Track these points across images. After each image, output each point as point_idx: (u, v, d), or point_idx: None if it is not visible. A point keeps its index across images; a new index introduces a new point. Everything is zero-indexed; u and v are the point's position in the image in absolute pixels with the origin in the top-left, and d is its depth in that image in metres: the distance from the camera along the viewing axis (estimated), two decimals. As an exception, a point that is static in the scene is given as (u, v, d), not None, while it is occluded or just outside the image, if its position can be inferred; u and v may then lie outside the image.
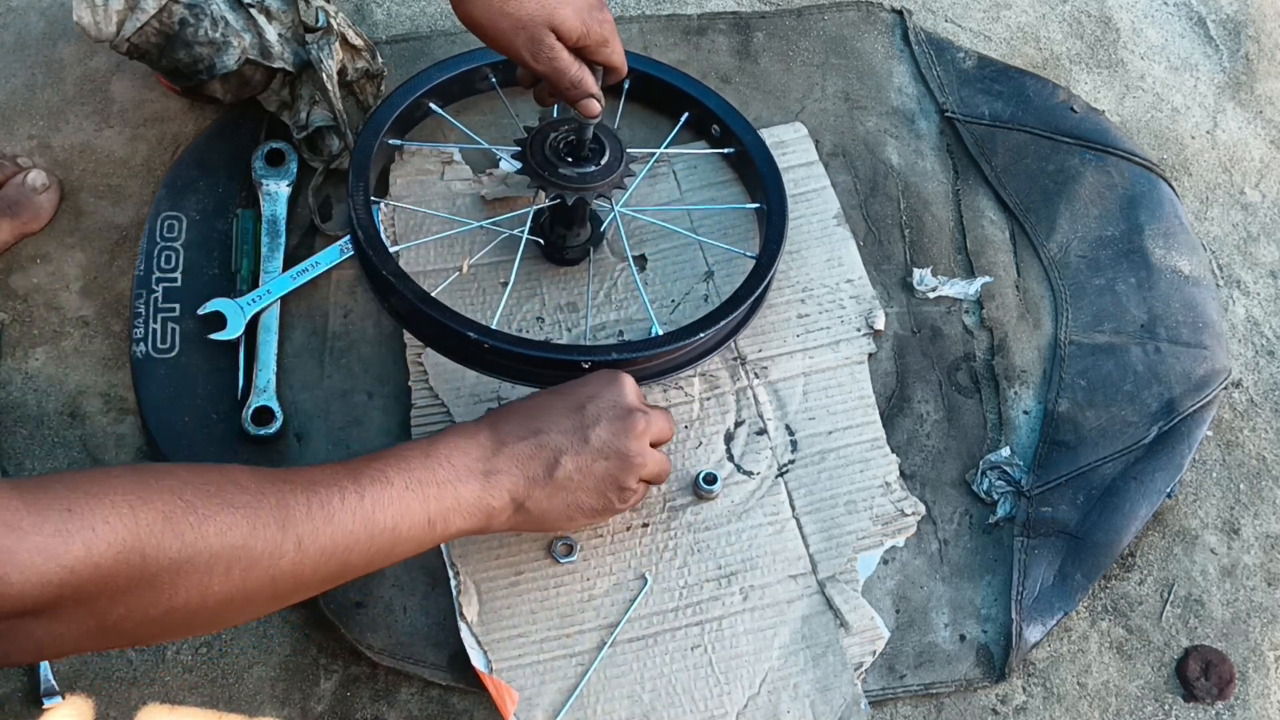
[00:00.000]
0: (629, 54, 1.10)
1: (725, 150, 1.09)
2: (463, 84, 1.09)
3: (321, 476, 0.72)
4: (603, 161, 0.95)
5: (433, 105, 1.07)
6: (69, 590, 0.59)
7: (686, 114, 1.09)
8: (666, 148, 1.08)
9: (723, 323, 0.95)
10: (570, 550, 0.94)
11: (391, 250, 1.02)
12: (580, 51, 0.92)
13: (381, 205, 1.06)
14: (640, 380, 0.96)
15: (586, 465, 0.83)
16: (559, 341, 1.02)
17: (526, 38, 0.88)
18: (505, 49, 0.91)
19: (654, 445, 0.87)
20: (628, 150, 0.98)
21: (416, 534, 0.76)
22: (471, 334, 0.89)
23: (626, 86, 1.10)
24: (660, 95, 1.11)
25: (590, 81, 0.92)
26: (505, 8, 0.87)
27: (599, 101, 0.93)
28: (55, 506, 0.59)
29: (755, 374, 1.02)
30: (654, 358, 0.94)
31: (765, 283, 0.98)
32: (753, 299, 0.97)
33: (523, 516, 0.82)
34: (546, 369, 0.92)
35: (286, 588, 0.70)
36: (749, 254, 1.01)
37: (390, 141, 1.05)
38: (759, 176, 1.05)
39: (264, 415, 0.98)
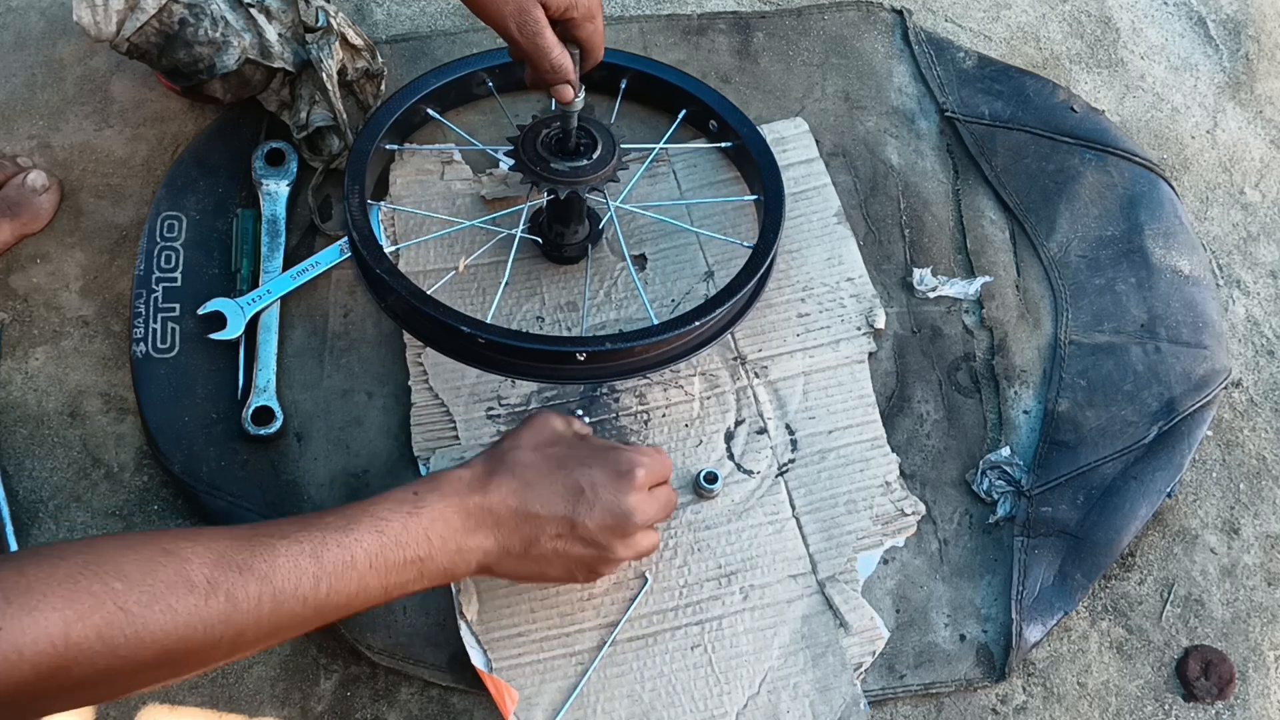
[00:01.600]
0: (624, 53, 1.10)
1: (723, 144, 1.09)
2: (460, 89, 1.09)
3: (286, 559, 0.70)
4: (595, 155, 0.95)
5: (430, 111, 1.07)
6: None
7: (684, 110, 1.09)
8: (664, 144, 1.08)
9: (719, 311, 0.94)
10: None
11: (390, 250, 1.02)
12: (564, 25, 0.92)
13: (380, 207, 1.06)
14: (637, 372, 0.95)
15: (564, 548, 0.81)
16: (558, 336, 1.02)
17: (515, 7, 0.88)
18: (493, 19, 0.90)
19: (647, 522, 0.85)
20: (623, 145, 0.98)
21: (369, 604, 0.75)
22: (465, 328, 0.89)
23: (624, 86, 1.10)
24: (656, 93, 1.11)
25: (569, 68, 0.91)
26: None
27: (574, 88, 0.92)
28: None
29: (755, 373, 1.02)
30: (649, 348, 0.93)
31: (762, 271, 0.98)
32: (749, 287, 0.97)
33: (484, 574, 0.81)
34: (541, 361, 0.92)
35: (216, 663, 0.69)
36: (746, 244, 1.01)
37: (387, 146, 1.05)
38: (755, 167, 1.05)
39: (264, 415, 0.98)
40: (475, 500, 0.79)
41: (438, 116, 1.07)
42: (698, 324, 0.93)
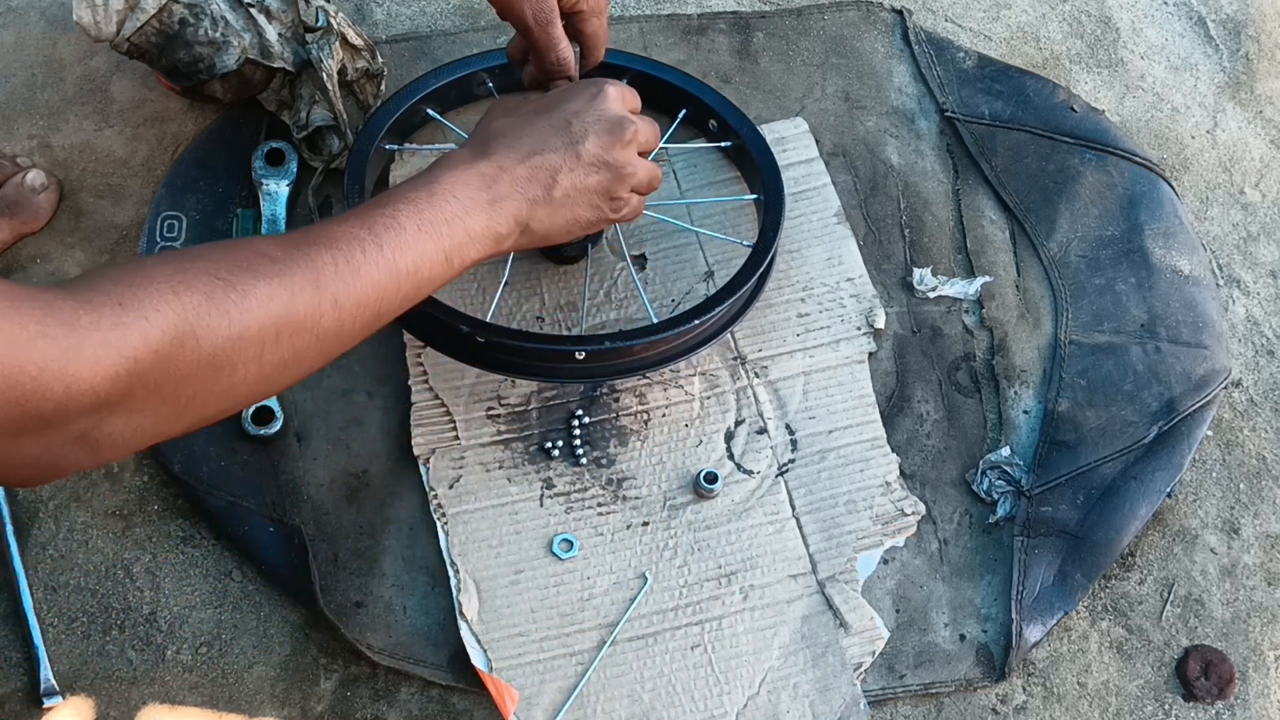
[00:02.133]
0: (625, 53, 1.10)
1: (723, 144, 1.09)
2: (460, 89, 1.09)
3: (339, 231, 0.73)
4: None
5: (430, 111, 1.07)
6: (136, 380, 0.61)
7: (684, 110, 1.09)
8: (664, 144, 1.08)
9: (718, 310, 0.94)
10: (570, 546, 0.94)
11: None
12: (572, 19, 0.95)
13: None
14: (637, 371, 0.96)
15: (581, 180, 0.84)
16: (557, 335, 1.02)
17: None
18: (509, 5, 0.92)
19: (641, 154, 0.88)
20: None
21: (437, 272, 0.78)
22: (464, 327, 0.89)
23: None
24: (656, 93, 1.11)
25: (572, 63, 0.95)
26: None
27: (572, 79, 0.95)
28: (107, 303, 0.61)
29: (755, 373, 1.02)
30: (649, 347, 0.93)
31: (762, 269, 0.98)
32: (749, 285, 0.97)
33: (528, 237, 0.84)
34: (540, 360, 0.93)
35: (330, 344, 0.73)
36: (746, 244, 1.01)
37: (387, 146, 1.05)
38: (755, 167, 1.05)
39: (264, 415, 0.98)
40: (483, 164, 0.82)
41: (437, 117, 1.07)
42: (697, 323, 0.93)
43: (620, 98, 0.88)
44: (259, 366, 0.68)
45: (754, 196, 1.07)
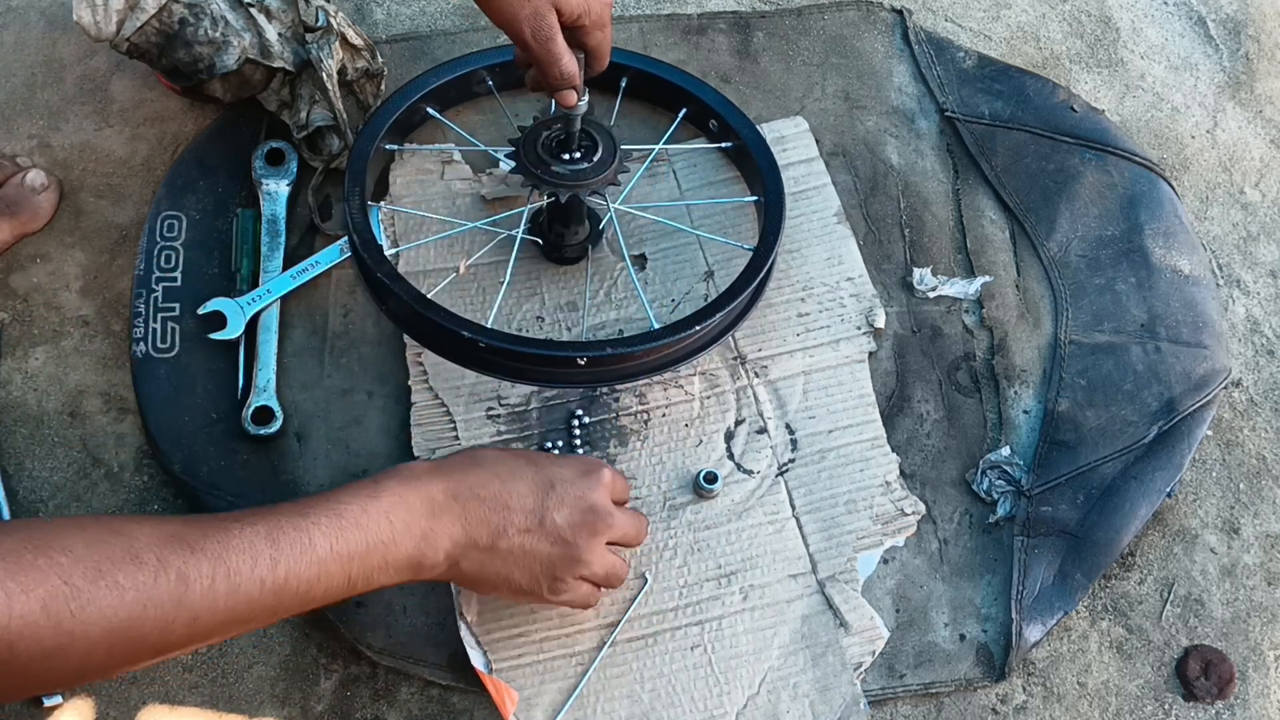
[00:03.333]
0: (625, 51, 1.10)
1: (723, 144, 1.09)
2: (460, 88, 1.09)
3: (239, 542, 0.67)
4: (596, 158, 0.95)
5: (430, 110, 1.07)
6: None
7: (684, 110, 1.09)
8: (664, 144, 1.08)
9: (718, 316, 0.94)
10: None
11: (391, 252, 1.02)
12: (575, 31, 0.92)
13: (380, 207, 1.06)
14: (638, 376, 0.96)
15: (531, 544, 0.80)
16: (559, 341, 1.02)
17: (530, 12, 0.88)
18: (506, 22, 0.90)
19: (616, 545, 0.85)
20: (624, 147, 0.98)
21: (332, 593, 0.72)
22: (466, 333, 0.89)
23: (624, 84, 1.10)
24: (657, 92, 1.11)
25: (576, 74, 0.92)
26: None
27: (578, 93, 0.92)
28: None
29: (755, 373, 1.02)
30: (649, 352, 0.93)
31: (762, 274, 0.98)
32: (749, 291, 0.97)
33: (452, 574, 0.80)
34: (541, 366, 0.92)
35: (176, 652, 0.67)
36: (747, 246, 1.01)
37: (387, 146, 1.05)
38: (756, 168, 1.05)
39: (264, 415, 0.98)
40: (439, 486, 0.77)
41: (438, 116, 1.07)
42: (699, 328, 0.93)
43: (611, 486, 0.84)
44: (79, 672, 0.63)
45: (754, 198, 1.07)
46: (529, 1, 0.88)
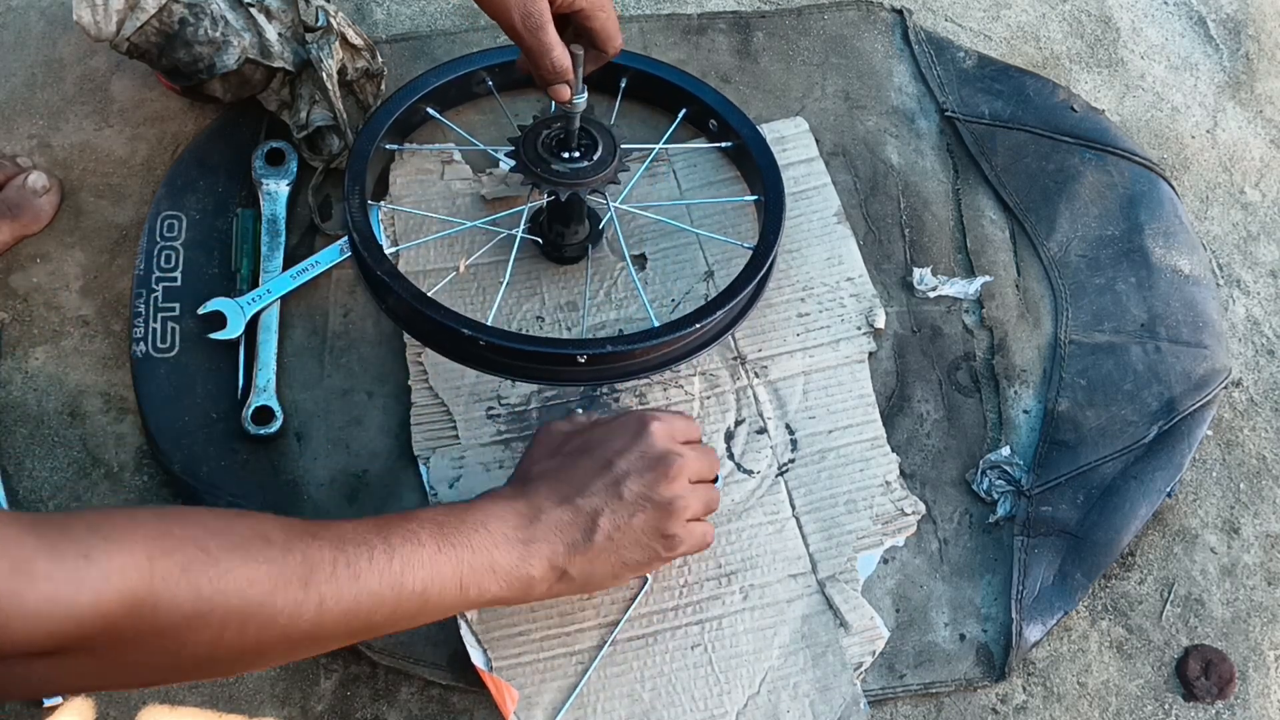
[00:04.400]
0: (625, 51, 1.10)
1: (724, 144, 1.09)
2: (460, 88, 1.09)
3: (352, 533, 0.70)
4: (595, 157, 0.95)
5: (430, 110, 1.07)
6: (74, 640, 0.57)
7: (684, 110, 1.09)
8: (664, 144, 1.08)
9: (719, 314, 0.94)
10: None
11: (391, 251, 1.02)
12: (575, 16, 0.92)
13: (380, 207, 1.06)
14: (638, 374, 0.96)
15: (624, 521, 0.81)
16: (559, 339, 1.02)
17: (521, 0, 0.88)
18: (498, 12, 0.89)
19: (698, 482, 0.85)
20: (624, 146, 0.98)
21: (447, 599, 0.74)
22: (466, 330, 0.89)
23: (624, 85, 1.10)
24: (657, 92, 1.11)
25: (568, 67, 0.90)
26: None
27: (572, 88, 0.92)
28: (72, 552, 0.57)
29: (755, 373, 1.02)
30: (650, 350, 0.93)
31: (762, 273, 0.98)
32: (749, 289, 0.97)
33: (566, 584, 0.81)
34: (542, 364, 0.92)
35: (303, 645, 0.69)
36: (747, 245, 1.01)
37: (387, 146, 1.05)
38: (756, 168, 1.05)
39: (264, 415, 0.98)
40: (521, 503, 0.79)
41: (437, 116, 1.07)
42: (699, 325, 0.93)
43: (667, 432, 0.84)
44: (212, 652, 0.64)
45: (754, 198, 1.07)
46: None
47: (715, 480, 0.88)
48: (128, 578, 0.58)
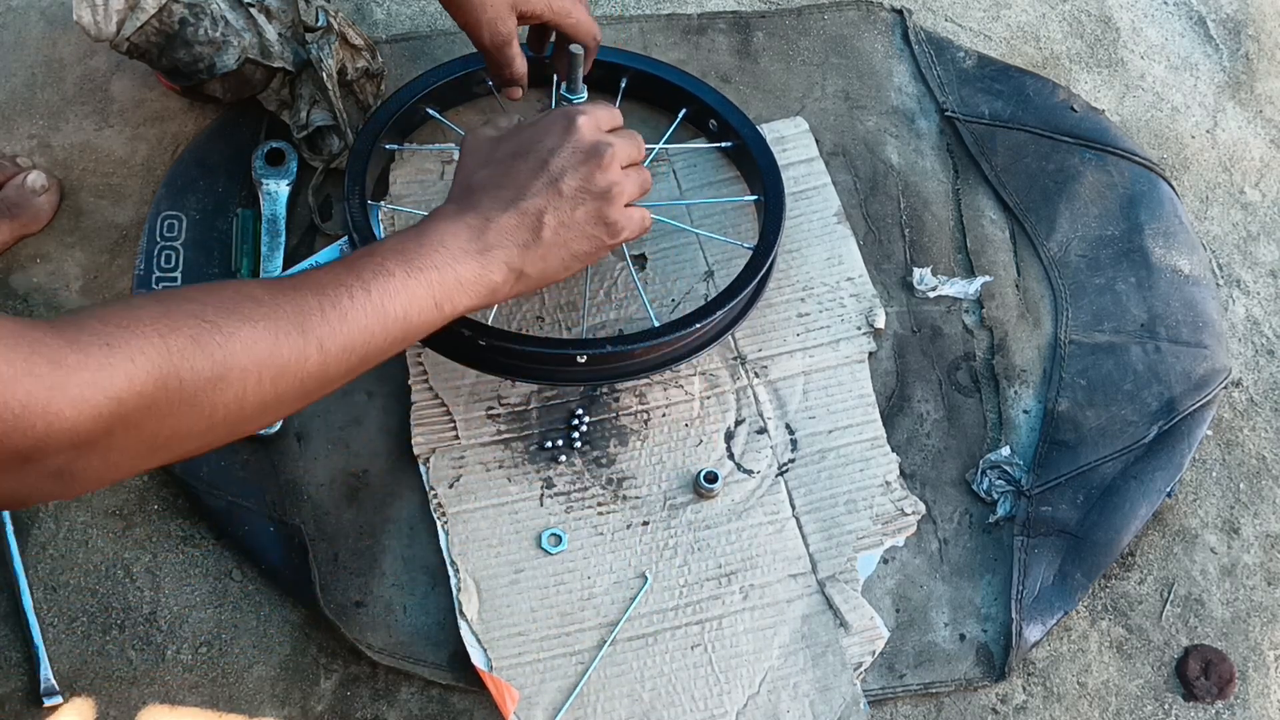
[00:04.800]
0: (624, 51, 1.10)
1: (723, 144, 1.09)
2: (460, 88, 1.09)
3: (326, 278, 0.74)
4: None
5: (430, 110, 1.07)
6: (118, 420, 0.62)
7: (684, 110, 1.09)
8: (664, 144, 1.08)
9: (720, 313, 0.95)
10: (559, 541, 0.94)
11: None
12: (550, 26, 0.98)
13: (381, 207, 1.06)
14: (638, 374, 0.96)
15: (568, 215, 0.84)
16: (558, 339, 1.02)
17: (490, 17, 0.95)
18: (467, 26, 0.96)
19: (628, 166, 0.89)
20: None
21: (426, 318, 0.78)
22: (466, 331, 0.90)
23: (624, 85, 1.10)
24: (656, 92, 1.11)
25: (522, 75, 1.00)
26: None
27: (522, 89, 1.01)
28: (95, 343, 0.61)
29: (755, 373, 1.02)
30: (652, 349, 0.94)
31: (763, 272, 0.98)
32: (750, 289, 0.97)
33: (525, 283, 0.85)
34: (542, 364, 0.93)
35: (313, 387, 0.73)
36: (747, 245, 1.01)
37: (386, 146, 1.05)
38: (756, 168, 1.05)
39: (264, 414, 0.98)
40: (469, 215, 0.82)
41: (437, 116, 1.07)
42: (699, 325, 0.94)
43: (594, 124, 0.87)
44: (239, 407, 0.69)
45: (754, 197, 1.07)
46: (489, 7, 0.94)
47: (645, 161, 0.92)
48: (149, 356, 0.63)
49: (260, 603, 0.96)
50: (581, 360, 0.92)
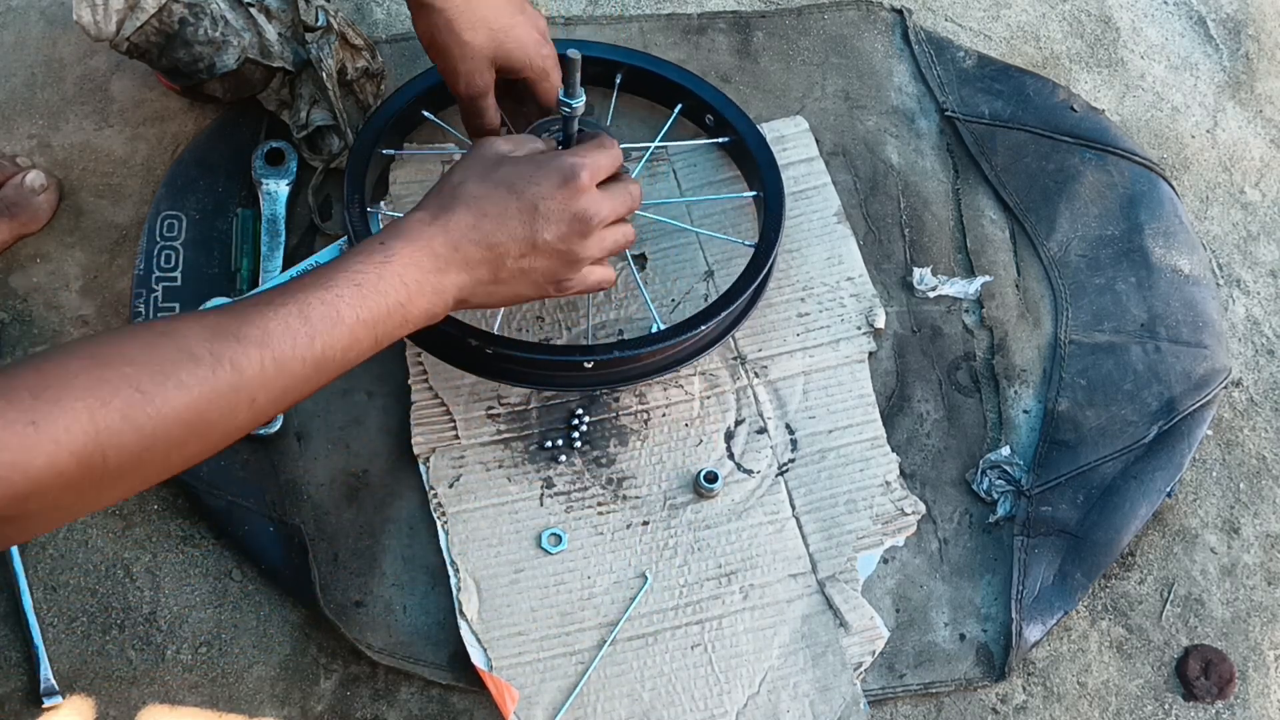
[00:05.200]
0: (619, 48, 1.10)
1: (720, 140, 1.09)
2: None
3: (275, 324, 0.72)
4: None
5: (425, 113, 1.07)
6: (35, 497, 0.61)
7: (680, 105, 1.09)
8: (661, 141, 1.08)
9: (722, 314, 0.95)
10: (559, 540, 0.95)
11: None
12: (521, 83, 0.98)
13: (381, 211, 1.06)
14: (643, 378, 0.96)
15: (529, 264, 0.84)
16: (558, 342, 1.02)
17: (468, 69, 0.94)
18: (447, 72, 0.96)
19: (616, 223, 0.88)
20: (622, 146, 0.98)
21: (362, 356, 0.77)
22: (473, 341, 0.90)
23: (619, 81, 1.10)
24: (652, 88, 1.10)
25: (496, 126, 0.99)
26: (461, 35, 0.93)
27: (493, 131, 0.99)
28: (20, 420, 0.60)
29: (755, 373, 1.02)
30: (656, 353, 0.94)
31: (764, 273, 0.98)
32: (752, 289, 0.97)
33: (464, 307, 0.84)
34: (548, 370, 0.93)
35: (238, 434, 0.72)
36: (748, 243, 1.01)
37: (384, 151, 1.04)
38: (754, 164, 1.05)
39: (264, 414, 0.98)
40: (439, 240, 0.80)
41: (433, 119, 1.07)
42: (703, 328, 0.94)
43: (592, 177, 0.85)
44: (163, 468, 0.68)
45: (753, 194, 1.07)
46: (468, 60, 0.93)
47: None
48: (74, 437, 0.61)
49: (260, 603, 0.96)
50: (589, 366, 0.92)
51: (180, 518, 0.98)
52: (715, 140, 1.09)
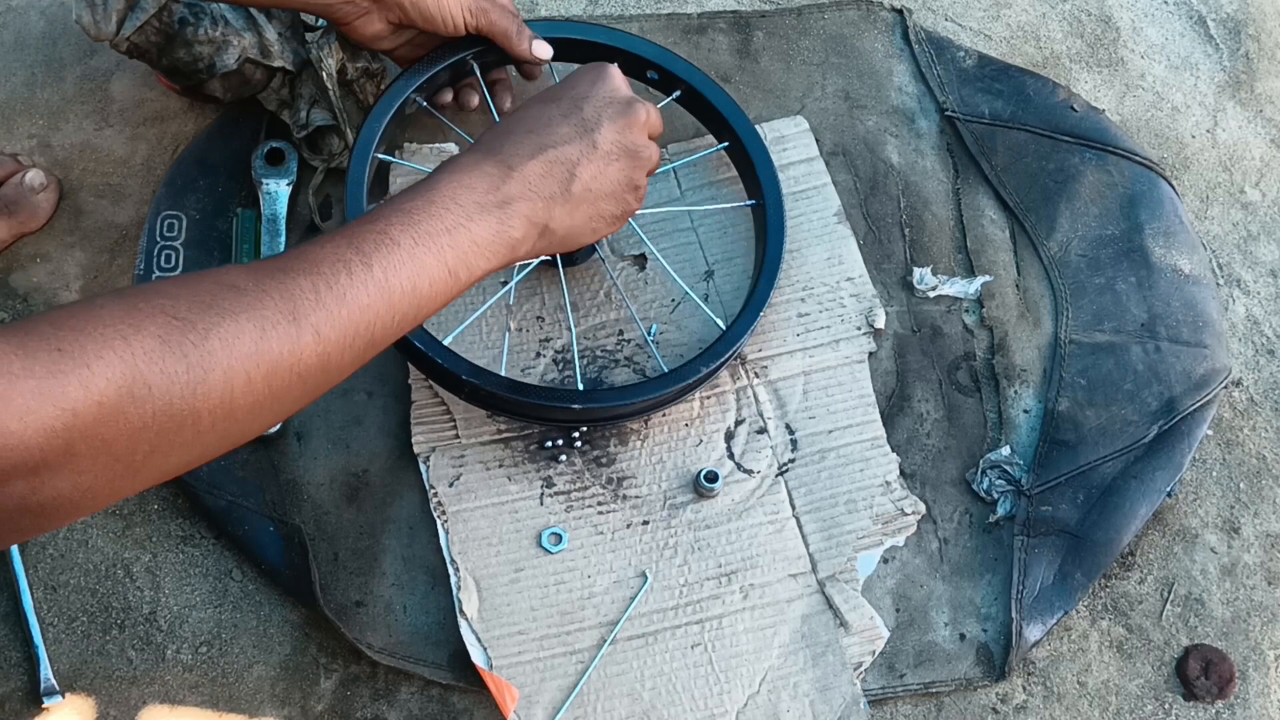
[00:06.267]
0: (611, 29, 1.07)
1: (721, 145, 1.08)
2: (453, 77, 1.07)
3: (321, 254, 0.66)
4: None
5: (419, 100, 1.05)
6: (78, 435, 0.54)
7: (678, 92, 1.07)
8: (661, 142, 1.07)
9: (728, 354, 0.96)
10: (559, 540, 0.95)
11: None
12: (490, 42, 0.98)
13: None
14: (632, 417, 0.98)
15: (601, 171, 0.80)
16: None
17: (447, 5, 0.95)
18: (443, 20, 0.96)
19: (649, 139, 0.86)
20: None
21: (439, 289, 0.71)
22: (465, 376, 0.91)
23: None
24: (627, 69, 1.08)
25: (532, 36, 0.99)
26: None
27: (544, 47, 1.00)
28: (43, 348, 0.54)
29: (755, 373, 1.02)
30: (654, 400, 0.95)
31: (765, 301, 0.99)
32: (747, 331, 0.98)
33: (546, 240, 0.79)
34: (539, 413, 0.95)
35: (317, 379, 0.65)
36: (746, 244, 1.01)
37: (380, 157, 1.03)
38: (753, 173, 1.04)
39: (264, 414, 0.98)
40: (490, 163, 0.76)
41: (426, 106, 1.06)
42: (704, 370, 0.95)
43: (624, 78, 0.85)
44: (229, 412, 0.60)
45: (751, 202, 1.05)
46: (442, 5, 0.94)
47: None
48: (108, 360, 0.55)
49: (260, 603, 0.96)
50: (576, 408, 0.93)
51: (180, 518, 0.98)
52: (717, 148, 1.07)
